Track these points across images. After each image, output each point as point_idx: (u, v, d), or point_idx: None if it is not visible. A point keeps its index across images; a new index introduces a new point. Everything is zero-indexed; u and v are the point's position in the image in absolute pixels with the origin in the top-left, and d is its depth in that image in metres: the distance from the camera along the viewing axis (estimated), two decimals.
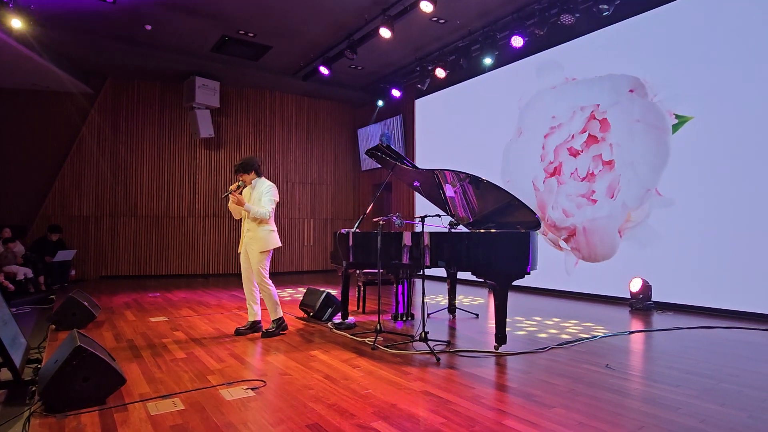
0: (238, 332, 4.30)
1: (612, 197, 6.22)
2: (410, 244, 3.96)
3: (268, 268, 4.30)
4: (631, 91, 6.03)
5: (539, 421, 2.34)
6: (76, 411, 2.46)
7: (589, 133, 6.48)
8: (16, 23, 6.21)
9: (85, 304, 4.68)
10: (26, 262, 7.25)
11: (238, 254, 4.42)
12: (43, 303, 6.26)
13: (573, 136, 6.69)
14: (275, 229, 4.34)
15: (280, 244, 4.37)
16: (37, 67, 7.59)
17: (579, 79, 6.63)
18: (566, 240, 6.82)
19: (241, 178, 4.31)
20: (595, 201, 6.43)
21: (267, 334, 4.24)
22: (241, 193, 4.27)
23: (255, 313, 4.37)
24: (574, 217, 6.70)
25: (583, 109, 6.54)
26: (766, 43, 4.92)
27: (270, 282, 4.30)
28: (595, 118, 6.41)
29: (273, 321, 4.33)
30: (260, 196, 4.26)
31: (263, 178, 4.40)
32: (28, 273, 7.02)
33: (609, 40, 6.32)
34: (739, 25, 5.12)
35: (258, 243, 4.20)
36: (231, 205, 4.27)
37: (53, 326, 4.54)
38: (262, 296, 4.33)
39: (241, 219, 4.38)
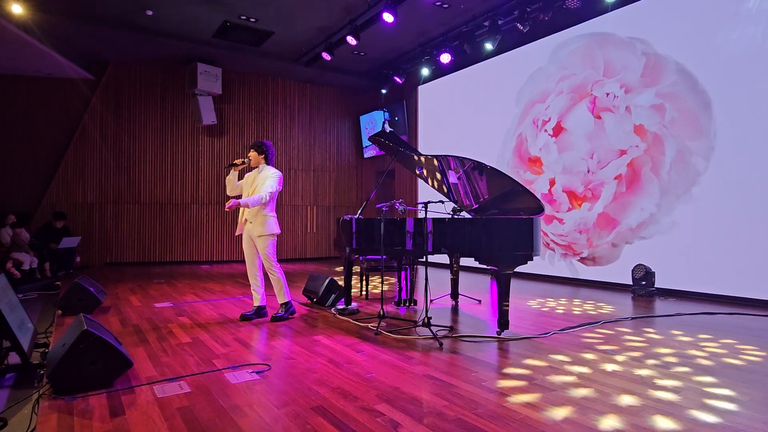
0: (244, 317, 4.34)
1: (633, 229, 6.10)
2: (413, 230, 3.97)
3: (275, 252, 4.33)
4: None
5: (541, 404, 2.37)
6: (84, 393, 2.50)
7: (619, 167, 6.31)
8: (17, 9, 6.18)
9: (91, 289, 4.71)
10: (31, 249, 7.31)
11: (241, 238, 4.44)
12: (49, 289, 6.32)
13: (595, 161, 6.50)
14: (275, 215, 4.36)
15: (279, 231, 4.37)
16: (39, 54, 7.55)
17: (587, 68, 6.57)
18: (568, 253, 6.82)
19: (249, 155, 4.36)
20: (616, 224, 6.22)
21: (276, 318, 4.29)
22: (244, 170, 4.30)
23: (259, 298, 4.41)
24: (589, 247, 6.55)
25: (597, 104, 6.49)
26: None
27: (278, 266, 4.34)
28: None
29: (281, 305, 4.37)
30: (263, 181, 4.28)
31: (270, 166, 4.42)
32: (33, 262, 7.08)
33: (615, 26, 6.24)
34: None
35: (258, 229, 4.23)
36: (229, 177, 4.35)
37: (59, 311, 4.58)
38: (270, 281, 4.38)
39: (235, 196, 4.38)
